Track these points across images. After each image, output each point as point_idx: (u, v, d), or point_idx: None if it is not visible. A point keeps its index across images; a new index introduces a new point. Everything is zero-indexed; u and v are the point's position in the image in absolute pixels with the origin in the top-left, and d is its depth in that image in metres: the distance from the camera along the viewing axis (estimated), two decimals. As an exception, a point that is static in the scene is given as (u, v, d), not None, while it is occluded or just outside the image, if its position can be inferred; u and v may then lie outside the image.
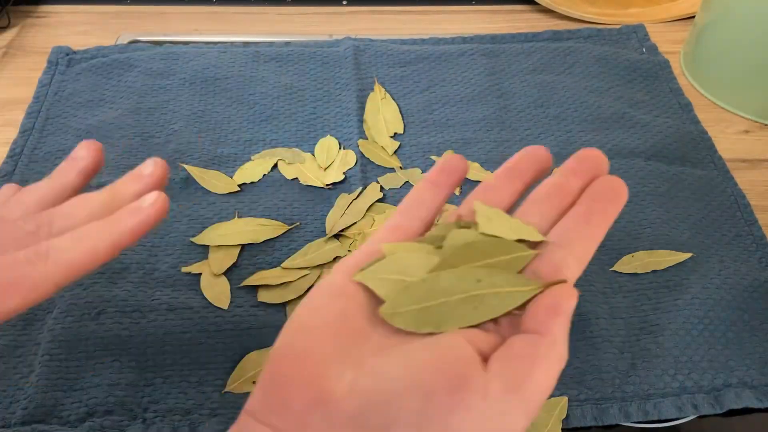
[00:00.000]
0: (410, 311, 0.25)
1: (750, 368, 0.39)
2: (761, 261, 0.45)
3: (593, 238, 0.27)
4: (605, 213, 0.27)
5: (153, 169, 0.34)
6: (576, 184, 0.29)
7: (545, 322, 0.24)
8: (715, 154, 0.53)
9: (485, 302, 0.25)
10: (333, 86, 0.58)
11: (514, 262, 0.26)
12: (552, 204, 0.28)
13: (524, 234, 0.27)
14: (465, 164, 0.30)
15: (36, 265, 0.28)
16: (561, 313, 0.24)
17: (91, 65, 0.59)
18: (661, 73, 0.61)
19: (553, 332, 0.23)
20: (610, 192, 0.28)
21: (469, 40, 0.64)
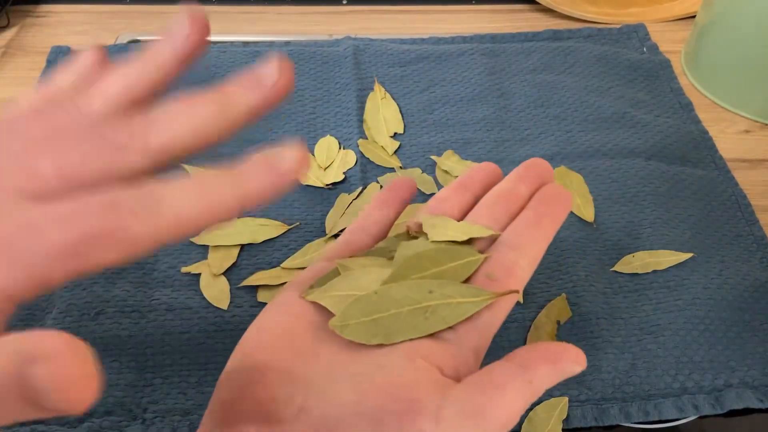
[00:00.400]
0: (360, 323, 0.24)
1: (751, 368, 0.39)
2: (762, 261, 0.45)
3: (542, 240, 0.28)
4: (553, 217, 0.28)
5: (277, 78, 0.24)
6: (524, 190, 0.30)
7: (535, 362, 0.23)
8: (715, 154, 0.53)
9: (437, 313, 0.25)
10: (333, 86, 0.58)
11: (464, 268, 0.27)
12: (502, 208, 0.29)
13: (473, 232, 0.28)
14: (412, 183, 0.32)
15: (141, 217, 0.20)
16: (557, 366, 0.23)
17: (90, 65, 0.59)
18: (662, 72, 0.61)
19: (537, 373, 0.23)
20: (557, 197, 0.29)
21: (469, 40, 0.64)
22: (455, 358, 0.24)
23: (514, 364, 0.23)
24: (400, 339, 0.24)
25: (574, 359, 0.23)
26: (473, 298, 0.25)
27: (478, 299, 0.25)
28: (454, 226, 0.28)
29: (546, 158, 0.51)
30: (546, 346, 0.24)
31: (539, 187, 0.30)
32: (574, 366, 0.23)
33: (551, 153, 0.53)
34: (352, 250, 0.29)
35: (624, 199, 0.49)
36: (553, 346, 0.24)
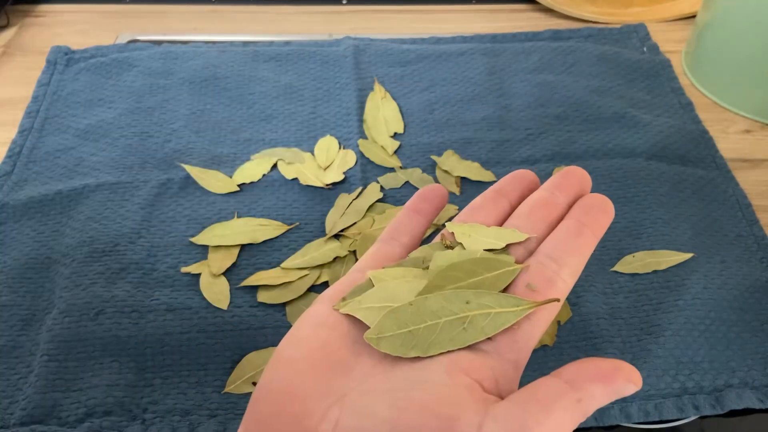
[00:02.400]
0: (396, 335, 0.24)
1: (751, 369, 0.39)
2: (762, 261, 0.45)
3: (584, 251, 0.27)
4: (595, 227, 0.27)
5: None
6: (562, 199, 0.29)
7: (586, 379, 0.22)
8: (716, 153, 0.53)
9: (474, 323, 0.24)
10: (333, 86, 0.58)
11: (501, 278, 0.26)
12: (539, 217, 0.28)
13: (509, 238, 0.27)
14: (444, 192, 0.31)
15: None
16: (610, 385, 0.22)
17: (90, 65, 0.59)
18: (662, 72, 0.60)
19: (587, 392, 0.21)
20: (599, 207, 0.28)
21: (469, 40, 0.64)
22: (495, 370, 0.23)
23: (561, 381, 0.22)
24: (438, 351, 0.23)
25: (628, 378, 0.22)
26: (512, 307, 0.25)
27: (517, 309, 0.24)
28: (488, 232, 0.27)
29: (546, 158, 0.52)
30: (597, 363, 0.22)
31: (577, 197, 0.29)
32: (627, 385, 0.22)
33: (551, 153, 0.53)
34: (384, 260, 0.28)
35: (624, 199, 0.49)
36: (606, 363, 0.22)
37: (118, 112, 0.55)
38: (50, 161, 0.51)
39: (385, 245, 0.29)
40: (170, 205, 0.48)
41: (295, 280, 0.43)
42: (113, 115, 0.55)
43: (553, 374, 0.23)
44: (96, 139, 0.53)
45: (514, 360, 0.24)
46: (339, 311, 0.25)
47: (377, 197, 0.48)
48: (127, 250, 0.44)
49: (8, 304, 0.42)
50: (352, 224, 0.46)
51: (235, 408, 0.38)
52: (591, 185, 0.30)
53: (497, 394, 0.23)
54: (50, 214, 0.47)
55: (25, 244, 0.45)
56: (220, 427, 0.37)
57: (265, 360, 0.39)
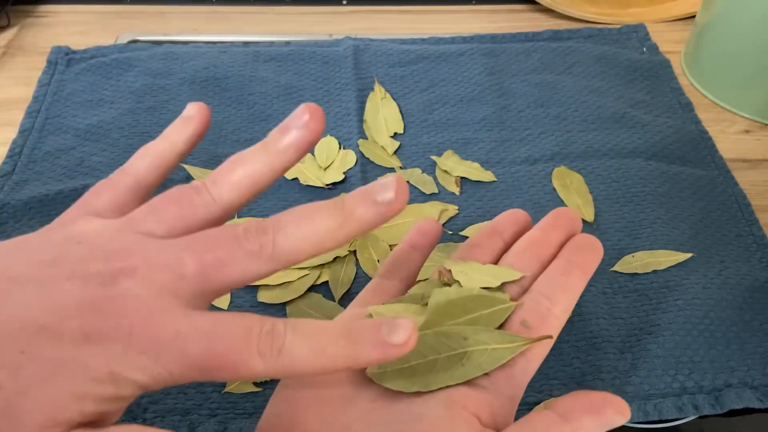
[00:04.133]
0: (397, 371, 0.25)
1: (751, 368, 0.39)
2: (762, 261, 0.45)
3: (575, 289, 0.28)
4: (585, 266, 0.29)
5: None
6: (554, 239, 0.30)
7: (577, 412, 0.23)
8: (715, 154, 0.53)
9: (472, 359, 0.25)
10: (333, 86, 0.58)
11: (496, 315, 0.27)
12: (532, 255, 0.29)
13: (504, 276, 0.28)
14: (439, 228, 0.32)
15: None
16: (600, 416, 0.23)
17: (90, 65, 0.59)
18: (662, 72, 0.61)
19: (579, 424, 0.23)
20: (588, 247, 0.29)
21: (469, 40, 0.64)
22: (492, 405, 0.24)
23: (555, 414, 0.23)
24: (438, 386, 0.24)
25: (617, 409, 0.23)
26: (508, 344, 0.25)
27: (512, 345, 0.25)
28: (484, 270, 0.28)
29: (546, 158, 0.52)
30: (588, 396, 0.24)
31: (569, 236, 0.30)
32: (616, 416, 0.23)
33: (551, 153, 0.53)
34: (383, 295, 0.29)
35: (624, 199, 0.49)
36: (595, 396, 0.24)
37: (119, 113, 0.55)
38: (51, 161, 0.51)
39: (383, 280, 0.30)
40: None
41: (295, 280, 0.43)
42: (114, 115, 0.55)
43: (545, 406, 0.24)
44: (96, 140, 0.53)
45: (510, 395, 0.25)
46: None
47: (377, 197, 0.48)
48: (128, 250, 0.45)
49: (9, 304, 0.42)
50: (352, 224, 0.46)
51: (235, 408, 0.38)
52: (581, 226, 0.31)
53: (494, 428, 0.24)
54: (51, 215, 0.47)
55: (25, 244, 0.45)
56: (221, 426, 0.37)
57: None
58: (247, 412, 0.38)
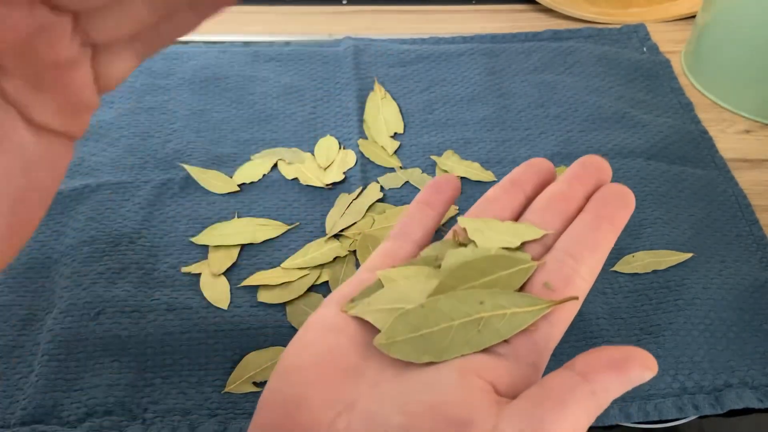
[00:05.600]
0: (408, 339, 0.23)
1: (751, 368, 0.39)
2: (762, 261, 0.45)
3: (603, 246, 0.25)
4: (614, 220, 0.26)
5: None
6: (580, 191, 0.27)
7: (599, 369, 0.21)
8: (716, 153, 0.53)
9: (489, 325, 0.23)
10: (333, 86, 0.58)
11: (516, 276, 0.25)
12: (556, 211, 0.27)
13: (525, 235, 0.25)
14: (456, 182, 0.29)
15: None
16: (624, 373, 0.20)
17: (90, 65, 0.59)
18: (662, 72, 0.61)
19: (601, 383, 0.20)
20: (618, 199, 0.26)
21: (469, 40, 0.64)
22: (512, 374, 0.22)
23: (574, 374, 0.21)
24: (452, 356, 0.22)
25: (643, 364, 0.21)
26: (528, 307, 0.23)
27: (533, 309, 0.23)
28: (502, 228, 0.26)
29: (546, 158, 0.52)
30: (609, 352, 0.21)
31: (596, 187, 0.27)
32: (643, 372, 0.21)
33: (551, 153, 0.53)
34: (394, 259, 0.27)
35: (624, 199, 0.49)
36: (617, 352, 0.21)
37: (119, 112, 0.55)
38: (51, 161, 0.51)
39: (395, 242, 0.28)
40: (170, 205, 0.48)
41: (295, 279, 0.43)
42: (113, 115, 0.55)
43: (564, 367, 0.22)
44: (96, 139, 0.53)
45: (532, 362, 0.23)
46: (347, 313, 0.24)
47: (377, 197, 0.48)
48: (128, 250, 0.45)
49: (9, 304, 0.42)
50: (353, 224, 0.46)
51: (235, 407, 0.38)
52: (611, 174, 0.28)
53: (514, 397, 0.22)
54: (51, 214, 0.47)
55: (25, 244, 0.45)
56: (221, 426, 0.37)
57: (265, 359, 0.39)
58: (247, 412, 0.38)
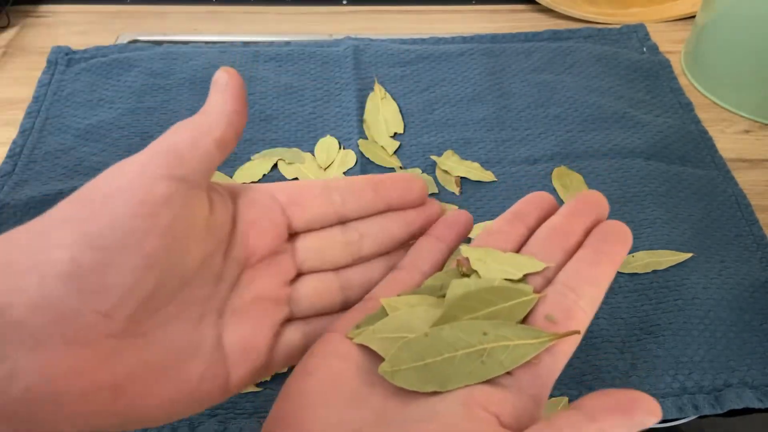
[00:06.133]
0: (412, 368, 0.23)
1: (751, 368, 0.39)
2: (762, 261, 0.45)
3: (603, 280, 0.26)
4: (613, 256, 0.26)
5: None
6: (579, 226, 0.28)
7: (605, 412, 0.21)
8: (715, 153, 0.53)
9: (493, 356, 0.23)
10: (333, 86, 0.58)
11: (518, 308, 0.25)
12: (557, 244, 0.27)
13: (527, 267, 0.26)
14: (469, 219, 0.29)
15: None
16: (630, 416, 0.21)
17: (90, 65, 0.59)
18: (662, 72, 0.61)
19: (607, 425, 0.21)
20: (617, 235, 0.27)
21: (469, 40, 0.64)
22: (515, 406, 0.22)
23: (581, 414, 0.21)
24: (455, 386, 0.22)
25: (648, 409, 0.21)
26: (532, 340, 0.23)
27: (537, 341, 0.23)
28: (505, 259, 0.26)
29: (546, 158, 0.52)
30: (614, 395, 0.22)
31: (595, 223, 0.28)
32: (648, 416, 0.21)
33: (551, 153, 0.53)
34: (400, 287, 0.27)
35: (624, 199, 0.49)
36: (623, 395, 0.21)
37: (119, 113, 0.55)
38: (51, 161, 0.51)
39: (403, 272, 0.28)
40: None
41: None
42: (114, 115, 0.55)
43: (572, 407, 0.22)
44: (97, 140, 0.53)
45: (534, 395, 0.23)
46: (352, 340, 0.24)
47: (377, 197, 0.48)
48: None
49: (9, 304, 0.42)
50: (352, 224, 0.46)
51: (235, 407, 0.38)
52: (608, 210, 0.29)
53: (516, 429, 0.22)
54: (51, 214, 0.47)
55: (25, 244, 0.45)
56: (221, 426, 0.37)
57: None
58: (247, 412, 0.38)
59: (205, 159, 0.23)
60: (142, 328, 0.21)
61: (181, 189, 0.22)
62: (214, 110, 0.24)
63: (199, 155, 0.23)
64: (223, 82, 0.24)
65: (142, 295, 0.21)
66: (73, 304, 0.20)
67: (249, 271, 0.25)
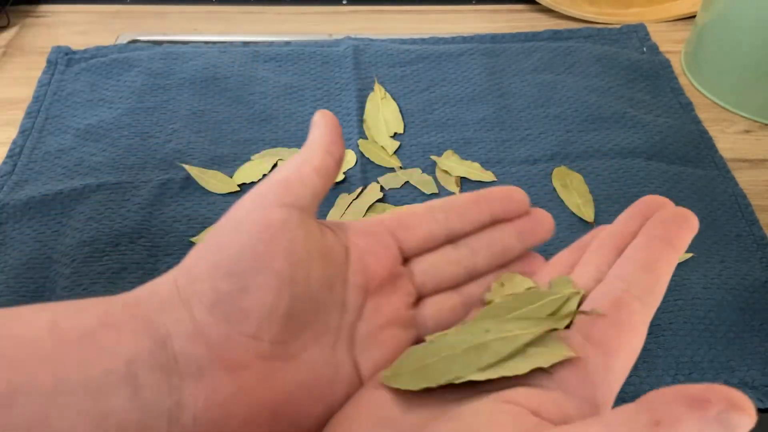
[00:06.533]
0: (411, 371, 0.23)
1: (751, 368, 0.39)
2: (762, 261, 0.45)
3: (658, 265, 0.23)
4: (671, 239, 0.24)
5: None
6: (636, 227, 0.26)
7: (669, 403, 0.17)
8: (715, 153, 0.53)
9: (490, 347, 0.22)
10: (333, 86, 0.58)
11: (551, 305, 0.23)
12: (609, 245, 0.25)
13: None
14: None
15: None
16: (701, 412, 0.16)
17: (90, 65, 0.59)
18: (662, 72, 0.61)
19: (670, 415, 0.17)
20: (676, 218, 0.25)
21: (469, 40, 0.64)
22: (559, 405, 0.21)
23: (643, 411, 0.17)
24: (448, 378, 0.22)
25: (731, 403, 0.16)
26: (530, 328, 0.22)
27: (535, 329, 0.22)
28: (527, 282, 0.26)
29: (546, 158, 0.52)
30: (683, 391, 0.17)
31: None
32: (732, 413, 0.16)
33: (551, 153, 0.53)
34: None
35: (624, 199, 0.49)
36: (696, 390, 0.17)
37: (119, 113, 0.55)
38: (51, 161, 0.51)
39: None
40: (171, 206, 0.48)
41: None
42: (114, 115, 0.55)
43: (636, 402, 0.19)
44: (96, 140, 0.53)
45: (588, 397, 0.21)
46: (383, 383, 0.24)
47: (377, 197, 0.48)
48: (128, 250, 0.45)
49: (9, 304, 0.42)
50: (352, 224, 0.46)
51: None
52: (672, 206, 0.26)
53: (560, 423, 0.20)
54: (51, 215, 0.47)
55: (25, 244, 0.45)
56: None
57: None
58: None
59: (309, 186, 0.24)
60: (289, 351, 0.22)
61: (293, 215, 0.23)
62: (312, 142, 0.26)
63: (303, 183, 0.24)
64: (319, 120, 0.27)
65: (281, 316, 0.22)
66: (222, 330, 0.21)
67: (372, 298, 0.25)
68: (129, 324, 0.21)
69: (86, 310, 0.21)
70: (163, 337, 0.21)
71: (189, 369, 0.21)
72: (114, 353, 0.20)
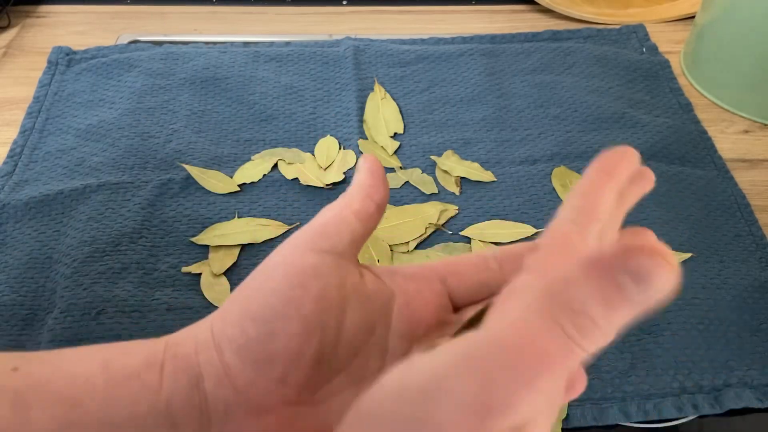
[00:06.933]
0: None
1: (750, 368, 0.39)
2: (761, 261, 0.45)
3: (590, 194, 0.22)
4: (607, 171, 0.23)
5: None
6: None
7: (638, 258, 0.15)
8: (715, 154, 0.53)
9: None
10: (333, 86, 0.58)
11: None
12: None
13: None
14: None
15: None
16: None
17: (91, 65, 0.59)
18: (661, 73, 0.61)
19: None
20: (616, 152, 0.24)
21: (469, 40, 0.64)
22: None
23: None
24: None
25: (658, 262, 0.15)
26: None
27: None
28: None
29: (546, 158, 0.52)
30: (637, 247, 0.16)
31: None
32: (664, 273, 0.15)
33: (551, 153, 0.53)
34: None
35: (623, 199, 0.49)
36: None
37: (119, 113, 0.55)
38: (51, 161, 0.51)
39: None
40: (171, 205, 0.48)
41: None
42: (114, 115, 0.55)
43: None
44: (97, 140, 0.53)
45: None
46: None
47: (377, 197, 0.48)
48: (128, 250, 0.45)
49: (9, 304, 0.42)
50: (353, 224, 0.46)
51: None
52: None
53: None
54: (51, 214, 0.47)
55: (26, 244, 0.45)
56: (221, 426, 0.37)
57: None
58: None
59: (347, 230, 0.24)
60: (319, 396, 0.22)
61: (327, 260, 0.23)
62: (354, 187, 0.25)
63: (341, 227, 0.24)
64: (362, 164, 0.26)
65: (309, 361, 0.22)
66: (249, 374, 0.21)
67: (419, 344, 0.25)
68: (169, 364, 0.22)
69: (133, 350, 0.22)
70: (197, 377, 0.22)
71: (217, 410, 0.21)
72: (156, 392, 0.21)
